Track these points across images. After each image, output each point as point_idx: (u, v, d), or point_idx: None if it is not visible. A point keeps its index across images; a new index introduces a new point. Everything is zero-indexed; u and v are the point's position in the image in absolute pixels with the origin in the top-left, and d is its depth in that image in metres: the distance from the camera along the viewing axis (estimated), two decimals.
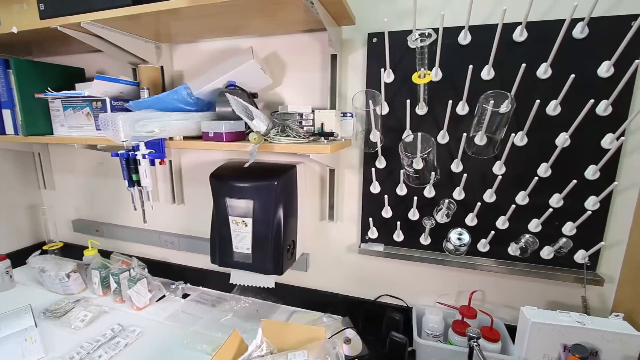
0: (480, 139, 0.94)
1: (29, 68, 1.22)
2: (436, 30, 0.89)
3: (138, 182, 0.98)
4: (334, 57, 1.04)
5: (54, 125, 1.24)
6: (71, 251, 1.62)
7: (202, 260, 1.42)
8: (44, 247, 1.60)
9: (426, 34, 0.87)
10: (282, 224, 1.02)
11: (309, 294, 1.27)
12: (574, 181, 0.87)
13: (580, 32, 0.84)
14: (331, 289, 1.25)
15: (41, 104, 1.22)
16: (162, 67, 1.24)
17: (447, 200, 1.00)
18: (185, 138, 0.99)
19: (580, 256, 0.94)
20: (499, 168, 0.96)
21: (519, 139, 0.92)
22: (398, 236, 1.09)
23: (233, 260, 1.07)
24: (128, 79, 1.17)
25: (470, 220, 1.01)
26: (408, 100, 0.95)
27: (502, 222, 0.99)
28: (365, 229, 1.13)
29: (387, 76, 0.99)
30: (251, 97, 1.05)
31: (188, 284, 1.43)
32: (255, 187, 1.00)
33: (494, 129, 0.91)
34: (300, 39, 1.09)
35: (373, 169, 1.05)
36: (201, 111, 1.05)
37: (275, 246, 1.02)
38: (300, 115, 0.99)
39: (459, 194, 1.00)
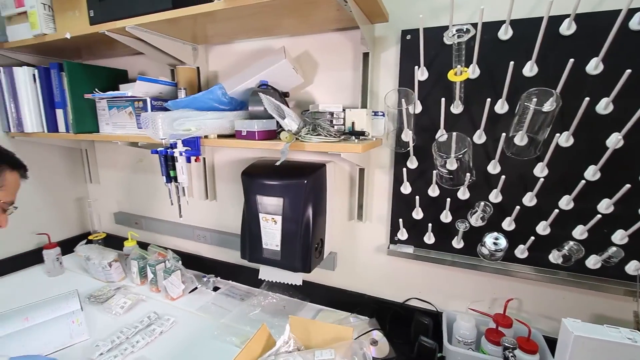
0: (520, 139, 0.89)
1: (79, 70, 1.31)
2: (474, 25, 0.85)
3: (175, 178, 1.02)
4: (365, 55, 1.03)
5: (100, 123, 1.33)
6: (113, 242, 1.72)
7: (232, 255, 1.46)
8: (90, 237, 1.72)
9: (464, 30, 0.84)
10: (311, 222, 1.02)
11: (336, 293, 1.27)
12: (628, 186, 0.80)
13: (638, 22, 0.77)
14: (358, 289, 1.24)
15: (89, 103, 1.32)
16: (198, 68, 1.28)
17: (482, 203, 0.95)
18: (219, 136, 1.02)
19: (633, 267, 0.87)
20: (540, 170, 0.90)
21: (565, 139, 0.86)
22: (429, 238, 1.06)
23: (262, 256, 1.09)
24: (167, 80, 1.22)
25: (508, 224, 0.96)
26: (443, 99, 0.92)
27: (543, 228, 0.93)
28: (394, 230, 1.11)
29: (421, 74, 0.97)
30: (283, 96, 1.06)
31: (218, 278, 1.48)
32: (285, 185, 1.01)
33: (536, 129, 0.86)
34: (332, 38, 1.09)
35: (404, 169, 1.02)
36: (234, 110, 1.08)
37: (304, 244, 1.03)
38: (331, 114, 0.99)
39: (495, 196, 0.96)
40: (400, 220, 1.07)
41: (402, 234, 1.10)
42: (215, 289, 1.42)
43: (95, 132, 1.34)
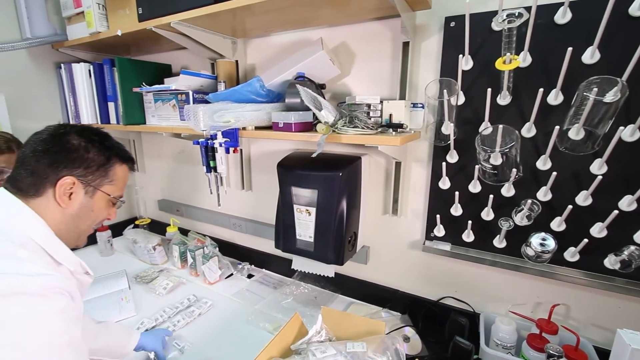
0: (576, 133, 0.82)
1: (128, 66, 1.39)
2: (528, 9, 0.79)
3: (214, 169, 1.06)
4: (405, 45, 0.99)
5: (147, 115, 1.41)
6: (157, 227, 1.84)
7: (266, 244, 1.50)
8: (136, 222, 1.84)
9: (516, 14, 0.78)
10: (344, 215, 1.02)
11: (368, 287, 1.26)
12: None
13: None
14: (391, 284, 1.23)
15: (137, 97, 1.40)
16: (237, 61, 1.31)
17: (529, 201, 0.89)
18: (257, 128, 1.04)
19: None
20: (598, 167, 0.82)
21: (629, 133, 0.78)
22: (468, 236, 1.02)
23: (296, 247, 1.11)
24: (207, 73, 1.27)
25: (557, 224, 0.90)
26: (489, 89, 0.86)
27: (598, 230, 0.85)
28: (431, 226, 1.07)
29: (465, 63, 0.92)
30: (319, 88, 1.06)
31: (253, 266, 1.53)
32: (320, 177, 1.01)
33: (596, 122, 0.78)
34: (370, 27, 1.06)
35: (444, 163, 0.98)
36: (272, 102, 1.09)
37: (337, 236, 1.03)
38: (368, 106, 0.97)
39: (544, 194, 0.89)
40: (438, 216, 1.04)
41: (439, 231, 1.06)
42: (250, 276, 1.47)
43: (142, 124, 1.42)
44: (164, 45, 1.47)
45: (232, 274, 1.47)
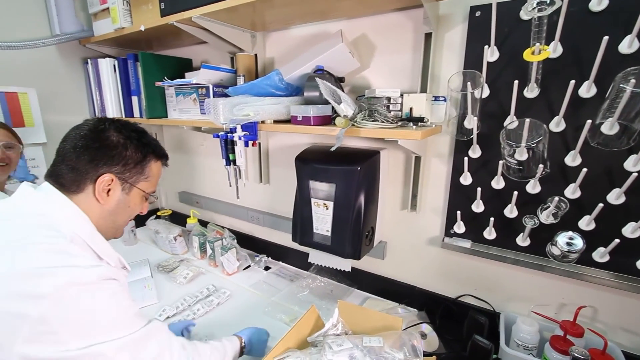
0: (610, 127, 0.77)
1: (151, 60, 1.42)
2: None
3: (234, 162, 1.07)
4: (428, 36, 0.96)
5: (168, 109, 1.44)
6: (177, 218, 1.89)
7: (283, 237, 1.51)
8: (158, 213, 1.90)
9: (547, 2, 0.74)
10: (362, 209, 1.01)
11: (384, 283, 1.25)
12: None
13: None
14: (408, 280, 1.21)
15: (159, 91, 1.43)
16: (256, 54, 1.32)
17: (556, 198, 0.86)
18: (275, 122, 1.05)
19: None
20: (634, 164, 0.78)
21: None
22: (489, 234, 0.99)
23: (313, 240, 1.11)
24: (227, 67, 1.28)
25: (586, 223, 0.86)
26: (516, 82, 0.83)
27: (631, 230, 0.81)
28: (451, 222, 1.05)
29: (491, 54, 0.88)
30: (338, 81, 1.05)
31: (270, 258, 1.55)
32: (338, 171, 1.01)
33: (632, 115, 0.74)
34: (391, 19, 1.04)
35: (465, 158, 0.96)
36: (290, 96, 1.09)
37: (355, 231, 1.03)
38: (388, 99, 0.96)
39: (573, 191, 0.85)
40: (458, 212, 1.01)
41: (459, 227, 1.04)
42: (267, 268, 1.49)
43: (164, 117, 1.46)
44: (184, 40, 1.50)
45: (249, 266, 1.50)
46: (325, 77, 0.97)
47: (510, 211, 0.94)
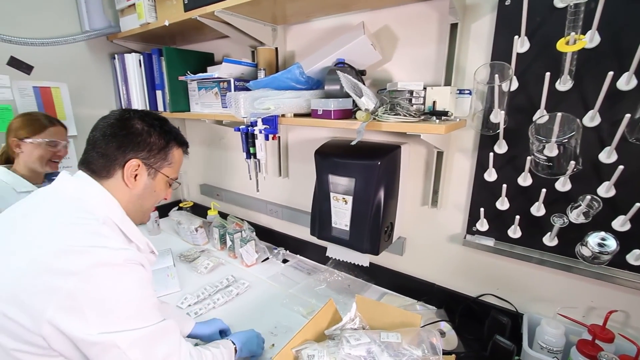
0: None
1: (174, 55, 1.45)
2: None
3: (254, 155, 1.09)
4: (453, 27, 0.93)
5: (191, 103, 1.47)
6: (198, 210, 1.94)
7: (301, 231, 1.52)
8: (180, 205, 1.96)
9: None
10: (382, 204, 1.00)
11: (402, 279, 1.24)
12: None
13: None
14: (427, 277, 1.20)
15: (182, 85, 1.46)
16: (276, 48, 1.32)
17: (588, 197, 0.82)
18: (296, 115, 1.05)
19: None
20: None
21: None
22: (514, 232, 0.96)
23: (331, 234, 1.11)
24: (248, 61, 1.29)
25: (621, 224, 0.81)
26: (547, 73, 0.79)
27: None
28: (473, 219, 1.02)
29: (521, 45, 0.84)
30: (359, 74, 1.03)
31: (288, 251, 1.57)
32: (358, 166, 1.00)
33: None
34: (415, 9, 1.01)
35: (491, 154, 0.92)
36: (311, 89, 1.09)
37: (374, 226, 1.02)
38: (411, 92, 0.94)
39: (607, 190, 0.81)
40: (482, 209, 0.98)
41: (482, 225, 1.01)
42: (285, 261, 1.51)
43: (187, 111, 1.49)
44: (207, 35, 1.51)
45: (267, 258, 1.52)
46: (347, 70, 0.96)
47: (538, 209, 0.91)
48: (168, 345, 0.66)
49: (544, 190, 0.87)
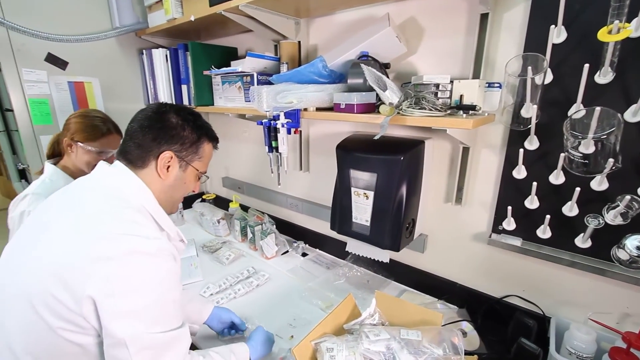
0: None
1: (199, 49, 1.48)
2: None
3: (276, 149, 1.09)
4: (484, 17, 0.89)
5: (215, 97, 1.50)
6: (221, 202, 1.98)
7: (320, 225, 1.53)
8: (203, 197, 2.01)
9: None
10: (404, 200, 0.99)
11: (423, 277, 1.22)
12: None
13: None
14: (448, 276, 1.17)
15: (207, 79, 1.49)
16: (299, 42, 1.31)
17: (627, 197, 0.77)
18: (318, 109, 1.04)
19: None
20: None
21: None
22: (544, 232, 0.92)
23: (351, 229, 1.11)
24: (271, 55, 1.29)
25: None
26: (586, 65, 0.74)
27: None
28: (500, 218, 0.99)
29: (557, 35, 0.80)
30: (383, 67, 1.01)
31: (307, 245, 1.58)
32: (380, 161, 0.99)
33: None
34: (444, 0, 0.98)
35: (521, 150, 0.89)
36: (333, 83, 1.08)
37: (395, 222, 1.01)
38: (437, 86, 0.91)
39: None
40: (509, 208, 0.95)
41: (509, 224, 0.97)
42: (304, 254, 1.52)
43: (211, 105, 1.52)
44: (231, 29, 1.53)
45: (287, 251, 1.53)
46: (370, 64, 0.95)
47: (570, 209, 0.86)
48: (174, 356, 0.66)
49: (577, 189, 0.82)
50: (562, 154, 0.82)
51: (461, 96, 0.89)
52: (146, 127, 0.75)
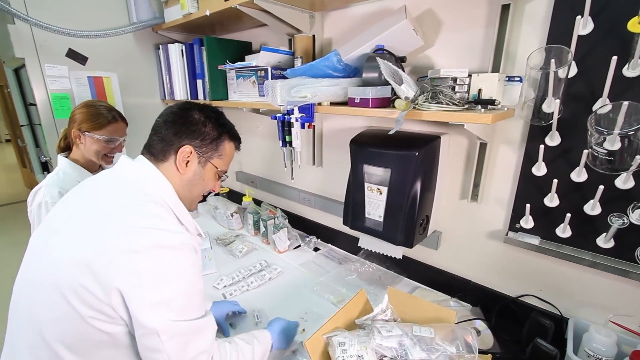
0: None
1: (214, 44, 1.49)
2: None
3: (290, 143, 1.10)
4: (505, 8, 0.86)
5: (229, 92, 1.51)
6: (234, 196, 2.01)
7: (333, 220, 1.53)
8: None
9: None
10: (418, 196, 0.97)
11: (436, 274, 1.21)
12: None
13: None
14: (462, 274, 1.15)
15: (221, 74, 1.50)
16: (313, 35, 1.30)
17: None
18: (332, 104, 1.04)
19: None
20: None
21: None
22: (563, 231, 0.89)
23: (364, 225, 1.10)
24: (285, 49, 1.29)
25: None
26: (614, 57, 0.71)
27: None
28: (517, 216, 0.97)
29: (584, 26, 0.76)
30: (399, 61, 1.00)
31: (319, 240, 1.58)
32: (394, 156, 0.98)
33: None
34: None
35: (541, 146, 0.86)
36: (348, 77, 1.07)
37: (408, 218, 1.00)
38: (454, 79, 0.89)
39: None
40: (527, 205, 0.92)
41: (527, 222, 0.95)
42: (316, 249, 1.53)
43: (225, 100, 1.53)
44: (245, 23, 1.53)
45: (299, 246, 1.54)
46: (386, 57, 0.93)
47: (592, 208, 0.84)
48: (203, 341, 0.69)
49: (601, 187, 0.79)
50: (586, 151, 0.80)
51: (479, 90, 0.87)
52: (170, 122, 0.77)
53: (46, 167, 1.85)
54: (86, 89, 1.62)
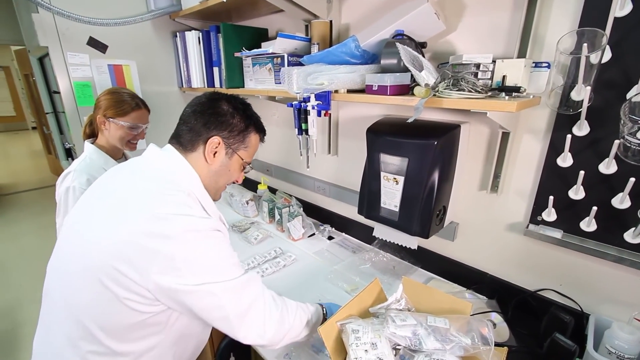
0: None
1: (231, 31, 1.48)
2: None
3: (306, 131, 1.09)
4: None
5: (245, 79, 1.51)
6: (249, 184, 2.03)
7: (347, 209, 1.53)
8: None
9: None
10: (435, 187, 0.96)
11: (452, 265, 1.19)
12: None
13: None
14: (479, 266, 1.14)
15: (238, 61, 1.49)
16: (331, 21, 1.28)
17: None
18: (349, 91, 1.02)
19: None
20: None
21: None
22: (588, 225, 0.86)
23: (379, 214, 1.09)
24: (302, 36, 1.27)
25: None
26: None
27: None
28: (539, 208, 0.94)
29: (621, 7, 0.71)
30: (419, 47, 0.96)
31: (333, 228, 1.59)
32: (412, 145, 0.96)
33: None
34: None
35: (568, 136, 0.82)
36: (366, 64, 1.04)
37: (425, 209, 0.98)
38: (477, 66, 0.85)
39: None
40: (550, 198, 0.89)
41: (549, 215, 0.92)
42: (330, 238, 1.53)
43: (242, 87, 1.53)
44: (261, 9, 1.52)
45: (314, 234, 1.55)
46: (406, 43, 0.90)
47: (621, 201, 0.80)
48: (254, 291, 0.74)
49: (632, 179, 0.76)
50: (617, 141, 0.75)
51: (504, 77, 0.83)
52: (198, 113, 0.78)
53: (70, 154, 1.91)
54: (107, 77, 1.66)
